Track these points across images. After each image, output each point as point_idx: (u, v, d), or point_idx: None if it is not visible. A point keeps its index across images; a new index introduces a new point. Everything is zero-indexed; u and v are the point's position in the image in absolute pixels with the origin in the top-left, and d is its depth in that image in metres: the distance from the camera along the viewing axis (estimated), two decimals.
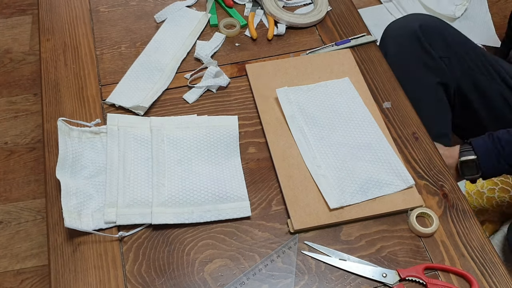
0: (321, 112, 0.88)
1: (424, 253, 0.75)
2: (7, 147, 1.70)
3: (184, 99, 0.92)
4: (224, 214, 0.77)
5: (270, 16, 1.04)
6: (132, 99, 0.90)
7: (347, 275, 0.72)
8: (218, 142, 0.85)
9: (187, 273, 0.73)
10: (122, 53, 0.98)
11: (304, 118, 0.87)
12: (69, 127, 0.84)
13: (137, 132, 0.85)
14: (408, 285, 0.71)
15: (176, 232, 0.76)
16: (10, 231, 1.51)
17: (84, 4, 1.07)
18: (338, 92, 0.91)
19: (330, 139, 0.85)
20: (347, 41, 1.00)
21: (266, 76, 0.94)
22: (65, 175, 0.78)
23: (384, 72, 0.96)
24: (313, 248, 0.75)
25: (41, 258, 1.46)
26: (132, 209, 0.77)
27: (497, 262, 0.74)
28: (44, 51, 0.99)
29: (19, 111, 1.79)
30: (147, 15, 1.05)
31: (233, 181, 0.81)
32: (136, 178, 0.80)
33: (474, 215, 0.78)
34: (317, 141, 0.84)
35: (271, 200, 0.80)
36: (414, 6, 2.07)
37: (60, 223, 0.76)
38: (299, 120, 0.87)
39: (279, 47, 1.01)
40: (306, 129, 0.86)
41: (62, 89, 0.93)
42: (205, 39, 1.01)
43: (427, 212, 0.77)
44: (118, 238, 0.75)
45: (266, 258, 0.74)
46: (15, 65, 1.92)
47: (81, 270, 0.72)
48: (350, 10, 1.08)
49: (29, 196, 1.59)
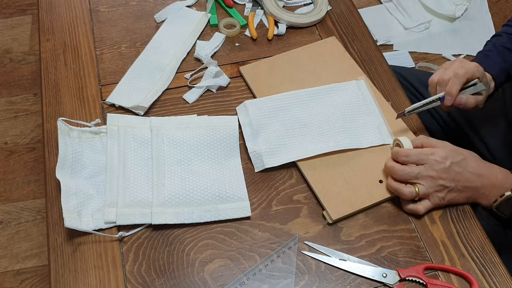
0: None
1: (424, 253, 0.75)
2: (7, 147, 1.70)
3: (184, 99, 0.92)
4: (224, 214, 0.77)
5: (270, 16, 1.04)
6: (132, 99, 0.90)
7: (347, 275, 0.72)
8: (218, 142, 0.85)
9: (187, 273, 0.73)
10: (122, 53, 0.98)
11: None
12: (69, 127, 0.84)
13: (137, 132, 0.85)
14: (408, 285, 0.71)
15: (176, 232, 0.76)
16: (10, 231, 1.51)
17: (84, 4, 1.07)
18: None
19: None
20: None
21: (262, 75, 0.94)
22: (65, 175, 0.78)
23: (384, 72, 0.97)
24: (313, 248, 0.75)
25: (41, 258, 1.46)
26: (132, 209, 0.77)
27: (497, 262, 0.74)
28: (44, 51, 0.99)
29: (19, 111, 1.79)
30: (147, 15, 1.05)
31: (233, 181, 0.81)
32: (136, 178, 0.80)
33: (474, 215, 0.78)
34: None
35: (271, 200, 0.80)
36: (414, 6, 2.07)
37: (60, 223, 0.76)
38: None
39: (279, 47, 1.01)
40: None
41: (62, 89, 0.93)
42: (205, 39, 1.01)
43: (402, 140, 0.78)
44: (118, 238, 0.75)
45: (266, 258, 0.74)
46: (15, 65, 1.92)
47: (81, 270, 0.72)
48: (350, 10, 1.08)
49: (29, 196, 1.59)
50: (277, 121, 0.86)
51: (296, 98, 0.89)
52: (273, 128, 0.85)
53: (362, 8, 2.09)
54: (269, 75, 0.94)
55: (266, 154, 0.82)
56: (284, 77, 0.94)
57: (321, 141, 0.84)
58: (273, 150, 0.83)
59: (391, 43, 1.97)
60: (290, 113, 0.87)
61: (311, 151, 0.83)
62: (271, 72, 0.94)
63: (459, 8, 2.02)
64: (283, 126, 0.86)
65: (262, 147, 0.83)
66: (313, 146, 0.83)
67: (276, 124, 0.86)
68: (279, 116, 0.87)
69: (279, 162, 0.82)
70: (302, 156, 0.82)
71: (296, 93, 0.90)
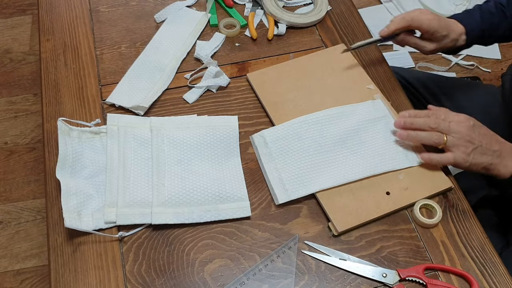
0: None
1: (424, 253, 0.75)
2: (7, 147, 1.70)
3: (184, 99, 0.92)
4: (224, 214, 0.77)
5: (270, 16, 1.04)
6: (132, 99, 0.90)
7: (347, 275, 0.72)
8: (218, 142, 0.85)
9: (187, 273, 0.73)
10: (122, 53, 0.98)
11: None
12: (69, 127, 0.84)
13: (137, 132, 0.85)
14: (408, 285, 0.71)
15: (176, 232, 0.76)
16: (10, 231, 1.51)
17: (84, 4, 1.07)
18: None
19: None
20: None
21: (270, 82, 0.93)
22: (65, 175, 0.78)
23: (384, 72, 0.97)
24: (313, 248, 0.75)
25: (41, 258, 1.46)
26: (132, 209, 0.77)
27: (497, 262, 0.74)
28: (44, 51, 0.99)
29: (19, 111, 1.79)
30: (147, 15, 1.05)
31: (233, 181, 0.81)
32: (136, 178, 0.80)
33: (474, 215, 0.78)
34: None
35: (271, 200, 0.80)
36: (414, 6, 2.07)
37: (60, 223, 0.76)
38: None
39: (279, 47, 1.00)
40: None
41: (62, 89, 0.93)
42: (205, 39, 1.01)
43: (431, 204, 0.77)
44: (118, 238, 0.75)
45: (266, 258, 0.74)
46: (15, 65, 1.92)
47: (81, 270, 0.72)
48: (350, 10, 1.08)
49: (29, 196, 1.59)
50: (296, 149, 0.83)
51: (313, 124, 0.85)
52: (294, 157, 0.82)
53: (362, 8, 2.09)
54: (277, 82, 0.93)
55: (290, 184, 0.79)
56: (291, 84, 0.92)
57: (346, 170, 0.80)
58: (296, 180, 0.80)
59: (391, 43, 1.97)
60: (309, 139, 0.84)
61: (336, 180, 0.79)
62: (278, 79, 0.93)
63: (459, 8, 2.02)
64: (303, 154, 0.82)
65: (284, 176, 0.80)
66: (338, 174, 0.80)
67: (296, 152, 0.82)
68: (297, 144, 0.83)
69: (305, 192, 0.78)
70: (329, 186, 0.79)
71: (312, 117, 0.86)
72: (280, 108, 0.89)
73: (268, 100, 0.90)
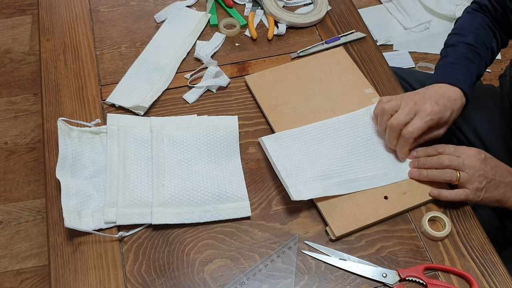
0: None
1: (424, 253, 0.75)
2: (7, 147, 1.70)
3: (184, 99, 0.92)
4: (224, 214, 0.77)
5: (270, 16, 1.04)
6: (132, 99, 0.90)
7: (347, 275, 0.72)
8: (218, 142, 0.85)
9: (187, 273, 0.73)
10: (122, 53, 0.98)
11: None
12: (69, 127, 0.84)
13: (137, 132, 0.85)
14: (408, 285, 0.71)
15: (176, 232, 0.76)
16: (10, 231, 1.51)
17: (84, 4, 1.07)
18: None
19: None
20: (337, 39, 1.00)
21: (268, 85, 0.92)
22: (65, 175, 0.78)
23: (384, 72, 0.97)
24: (313, 248, 0.75)
25: (41, 258, 1.46)
26: (132, 209, 0.77)
27: (497, 262, 0.74)
28: (44, 51, 0.99)
29: (19, 111, 1.80)
30: (147, 15, 1.05)
31: (233, 181, 0.81)
32: (136, 178, 0.80)
33: (474, 215, 0.78)
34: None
35: (271, 200, 0.80)
36: (414, 6, 2.08)
37: (60, 223, 0.76)
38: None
39: (279, 47, 1.01)
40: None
41: (62, 89, 0.93)
42: (205, 39, 1.01)
43: (439, 216, 0.76)
44: (118, 238, 0.75)
45: (266, 258, 0.74)
46: (15, 65, 1.92)
47: (81, 270, 0.72)
48: (350, 10, 1.08)
49: (29, 196, 1.59)
50: (300, 157, 0.82)
51: (315, 132, 0.85)
52: (300, 164, 0.81)
53: (362, 8, 2.09)
54: (275, 85, 0.92)
55: (303, 184, 0.78)
56: (290, 87, 0.92)
57: (355, 180, 0.80)
58: (309, 180, 0.79)
59: (391, 43, 1.97)
60: (312, 147, 0.83)
61: (346, 189, 0.79)
62: (277, 82, 0.93)
63: (459, 8, 2.02)
64: (308, 161, 0.81)
65: (297, 177, 0.79)
66: (348, 184, 0.79)
67: (301, 160, 0.82)
68: (300, 153, 0.82)
69: (321, 194, 0.77)
70: (340, 193, 0.78)
71: (314, 127, 0.86)
72: (279, 112, 0.89)
73: (267, 103, 0.90)
